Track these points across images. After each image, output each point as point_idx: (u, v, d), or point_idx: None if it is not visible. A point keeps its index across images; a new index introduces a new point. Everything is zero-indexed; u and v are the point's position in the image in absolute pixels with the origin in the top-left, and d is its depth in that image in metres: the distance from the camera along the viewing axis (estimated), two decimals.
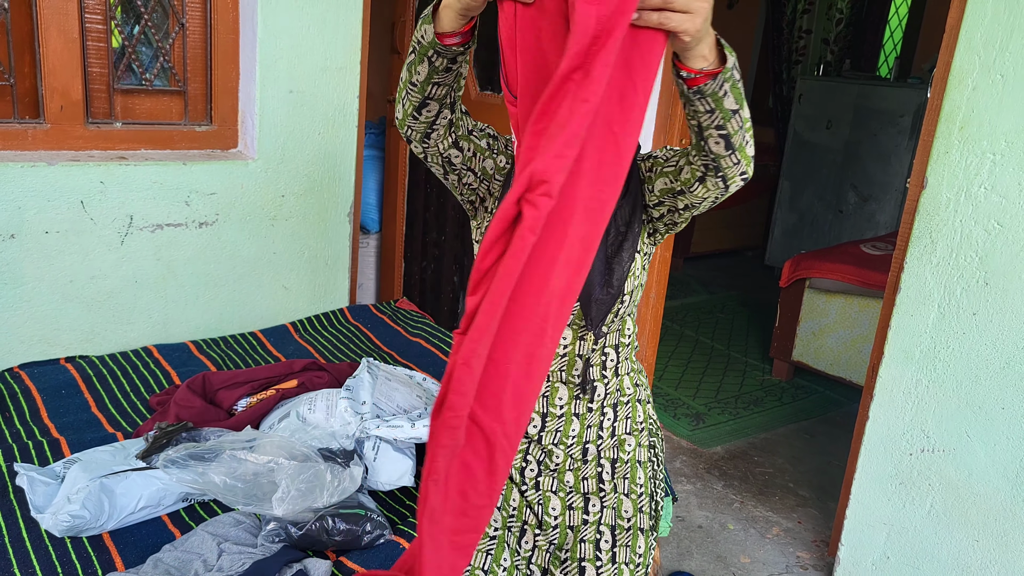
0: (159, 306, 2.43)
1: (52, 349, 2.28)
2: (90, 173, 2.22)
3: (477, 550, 1.35)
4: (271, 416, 1.81)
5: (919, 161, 1.91)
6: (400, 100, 1.24)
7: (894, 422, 2.02)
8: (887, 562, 2.08)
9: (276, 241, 2.61)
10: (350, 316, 2.67)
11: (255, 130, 2.48)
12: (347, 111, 2.64)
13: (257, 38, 2.40)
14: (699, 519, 2.52)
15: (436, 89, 1.20)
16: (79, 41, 2.22)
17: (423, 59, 1.15)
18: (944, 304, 1.90)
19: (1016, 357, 1.80)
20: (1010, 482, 1.84)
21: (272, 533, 1.45)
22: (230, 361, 2.29)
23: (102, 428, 1.87)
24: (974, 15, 1.77)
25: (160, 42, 2.38)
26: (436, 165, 1.36)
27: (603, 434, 1.43)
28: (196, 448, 1.54)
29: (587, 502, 1.41)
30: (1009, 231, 1.77)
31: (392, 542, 1.49)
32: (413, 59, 1.17)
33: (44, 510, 1.46)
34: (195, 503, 1.61)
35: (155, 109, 2.43)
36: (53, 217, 2.19)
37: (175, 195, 2.37)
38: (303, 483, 1.45)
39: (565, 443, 1.42)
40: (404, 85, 1.21)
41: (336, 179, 2.68)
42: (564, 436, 1.41)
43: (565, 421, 1.41)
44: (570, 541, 1.39)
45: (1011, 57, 1.72)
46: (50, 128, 2.24)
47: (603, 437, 1.43)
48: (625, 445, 1.45)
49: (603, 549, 1.36)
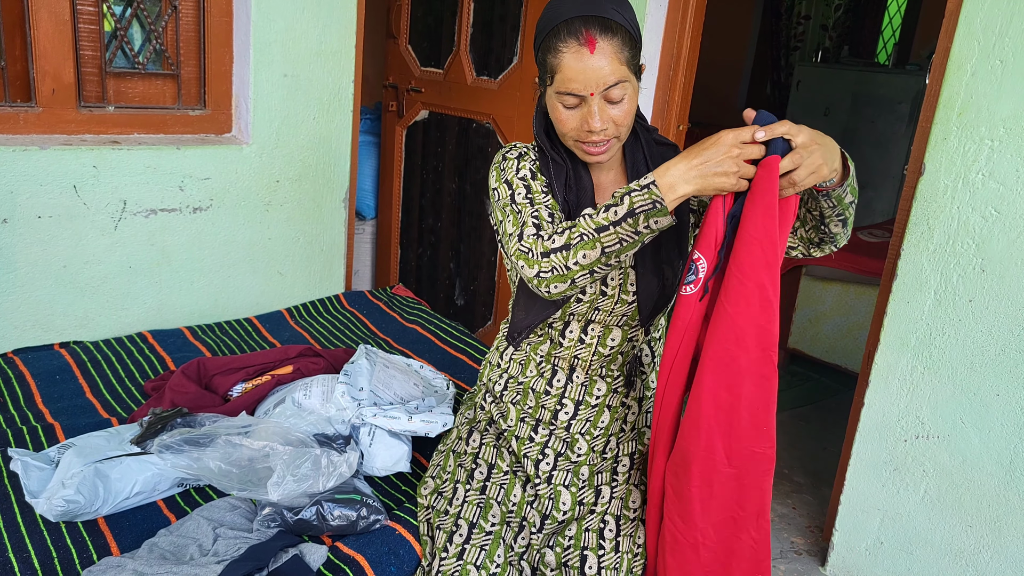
0: (153, 291, 2.42)
1: (46, 334, 2.27)
2: (83, 157, 2.20)
3: (472, 544, 1.36)
4: (266, 402, 1.81)
5: (917, 148, 1.90)
6: (565, 279, 1.19)
7: (889, 409, 2.03)
8: (881, 547, 2.09)
9: (271, 227, 2.59)
10: (346, 302, 2.67)
11: (249, 114, 2.46)
12: (342, 96, 2.62)
13: (251, 21, 2.38)
14: None
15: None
16: (70, 23, 2.19)
17: (637, 245, 1.17)
18: (940, 291, 1.90)
19: (1011, 344, 1.80)
20: (1003, 468, 1.84)
21: (268, 518, 1.45)
22: (225, 347, 2.29)
23: (97, 413, 1.87)
24: (973, 0, 1.75)
25: (153, 25, 2.36)
26: None
27: (625, 427, 1.45)
28: (191, 433, 1.54)
29: (598, 495, 1.42)
30: (1006, 218, 1.77)
31: (388, 527, 1.49)
32: (617, 249, 1.16)
33: (39, 495, 1.46)
34: (190, 488, 1.60)
35: (148, 93, 2.41)
36: (46, 202, 2.17)
37: (169, 180, 2.35)
38: (298, 468, 1.45)
39: (592, 433, 1.43)
40: (583, 269, 1.18)
41: (331, 165, 2.67)
42: (593, 427, 1.43)
43: (597, 411, 1.43)
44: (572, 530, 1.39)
45: (1010, 43, 1.71)
46: (42, 112, 2.22)
47: (625, 431, 1.45)
48: (644, 438, 1.47)
49: (607, 538, 1.37)
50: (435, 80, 3.17)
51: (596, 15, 1.19)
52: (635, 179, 1.31)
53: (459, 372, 2.18)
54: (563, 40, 1.19)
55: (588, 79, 1.19)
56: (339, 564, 1.40)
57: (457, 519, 1.40)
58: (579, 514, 1.41)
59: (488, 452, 1.49)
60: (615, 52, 1.19)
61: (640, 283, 1.34)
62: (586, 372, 1.42)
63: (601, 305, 1.35)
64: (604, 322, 1.37)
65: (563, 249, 1.17)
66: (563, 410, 1.42)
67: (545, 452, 1.44)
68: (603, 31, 1.18)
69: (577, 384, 1.42)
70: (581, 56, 1.18)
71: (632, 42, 1.22)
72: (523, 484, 1.45)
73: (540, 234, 1.22)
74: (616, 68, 1.19)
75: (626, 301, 1.35)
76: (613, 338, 1.39)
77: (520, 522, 1.42)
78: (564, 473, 1.43)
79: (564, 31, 1.19)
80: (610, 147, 1.27)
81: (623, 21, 1.21)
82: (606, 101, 1.22)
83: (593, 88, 1.20)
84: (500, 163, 1.36)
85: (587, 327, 1.38)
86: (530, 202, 1.27)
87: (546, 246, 1.19)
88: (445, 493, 1.47)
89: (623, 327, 1.38)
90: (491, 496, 1.43)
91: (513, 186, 1.31)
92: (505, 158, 1.36)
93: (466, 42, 3.01)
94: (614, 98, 1.21)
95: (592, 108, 1.21)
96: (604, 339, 1.39)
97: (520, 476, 1.45)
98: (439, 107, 3.20)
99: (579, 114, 1.23)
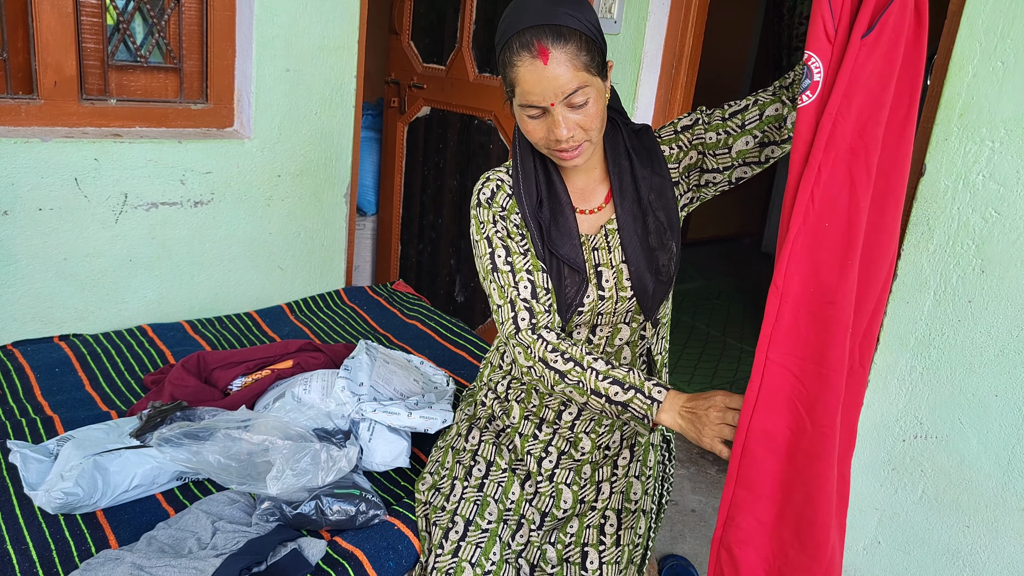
0: (154, 285, 2.42)
1: (46, 327, 2.27)
2: (84, 150, 2.20)
3: (467, 541, 1.36)
4: (266, 396, 1.81)
5: (918, 148, 1.90)
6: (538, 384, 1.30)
7: (888, 409, 2.03)
8: (878, 547, 2.09)
9: (272, 221, 2.59)
10: (346, 298, 2.67)
11: (251, 109, 2.46)
12: (344, 91, 2.62)
13: (254, 15, 2.38)
14: (692, 503, 2.53)
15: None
16: (73, 16, 2.19)
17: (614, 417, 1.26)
18: (940, 291, 1.90)
19: (1010, 345, 1.80)
20: (1001, 469, 1.85)
21: (266, 512, 1.45)
22: (225, 341, 2.29)
23: (96, 406, 1.87)
24: (976, 1, 1.75)
25: (155, 18, 2.36)
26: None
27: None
28: (190, 427, 1.54)
29: (598, 491, 1.42)
30: (1007, 219, 1.77)
31: (387, 523, 1.49)
32: (596, 409, 1.25)
33: (37, 487, 1.46)
34: (189, 482, 1.61)
35: (150, 86, 2.41)
36: (47, 194, 2.17)
37: (170, 173, 2.35)
38: (298, 463, 1.45)
39: (597, 431, 1.43)
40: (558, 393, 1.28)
41: (333, 160, 2.67)
42: (598, 425, 1.43)
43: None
44: (574, 527, 1.40)
45: (1012, 44, 1.71)
46: (43, 104, 2.22)
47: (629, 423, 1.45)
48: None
49: (607, 533, 1.37)
50: (437, 76, 3.17)
51: (548, 23, 1.16)
52: (617, 173, 1.32)
53: (459, 368, 2.18)
54: (516, 54, 1.18)
55: (546, 90, 1.18)
56: (337, 559, 1.40)
57: (454, 516, 1.40)
58: (580, 511, 1.42)
59: (487, 449, 1.49)
60: (570, 59, 1.17)
61: (634, 279, 1.33)
62: None
63: (603, 308, 1.35)
64: (611, 322, 1.37)
65: (558, 375, 1.24)
66: (567, 410, 1.42)
67: (548, 450, 1.44)
68: (555, 39, 1.16)
69: None
70: (535, 68, 1.17)
71: (589, 44, 1.19)
72: (522, 482, 1.45)
73: (543, 335, 1.27)
74: (574, 75, 1.17)
75: (626, 298, 1.35)
76: (621, 337, 1.39)
77: (518, 520, 1.42)
78: (567, 472, 1.44)
79: (517, 44, 1.18)
80: (583, 150, 1.25)
81: (578, 25, 1.18)
82: (568, 107, 1.20)
83: (552, 98, 1.18)
84: (476, 209, 1.36)
85: (595, 329, 1.38)
86: (512, 270, 1.30)
87: (545, 356, 1.26)
88: (443, 489, 1.48)
89: (630, 323, 1.38)
90: (488, 493, 1.43)
91: (492, 245, 1.32)
92: (480, 203, 1.35)
93: (468, 39, 3.00)
94: (576, 103, 1.19)
95: (556, 118, 1.20)
96: (612, 338, 1.39)
97: (519, 474, 1.45)
98: (441, 103, 3.19)
99: (544, 124, 1.22)
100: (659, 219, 1.33)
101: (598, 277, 1.34)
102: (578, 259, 1.31)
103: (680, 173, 1.36)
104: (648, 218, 1.33)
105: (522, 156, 1.34)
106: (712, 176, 1.35)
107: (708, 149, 1.33)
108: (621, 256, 1.34)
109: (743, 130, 1.27)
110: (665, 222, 1.33)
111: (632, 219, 1.33)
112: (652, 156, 1.34)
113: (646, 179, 1.33)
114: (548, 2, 1.18)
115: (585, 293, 1.32)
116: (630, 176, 1.33)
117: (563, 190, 1.34)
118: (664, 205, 1.33)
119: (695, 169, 1.36)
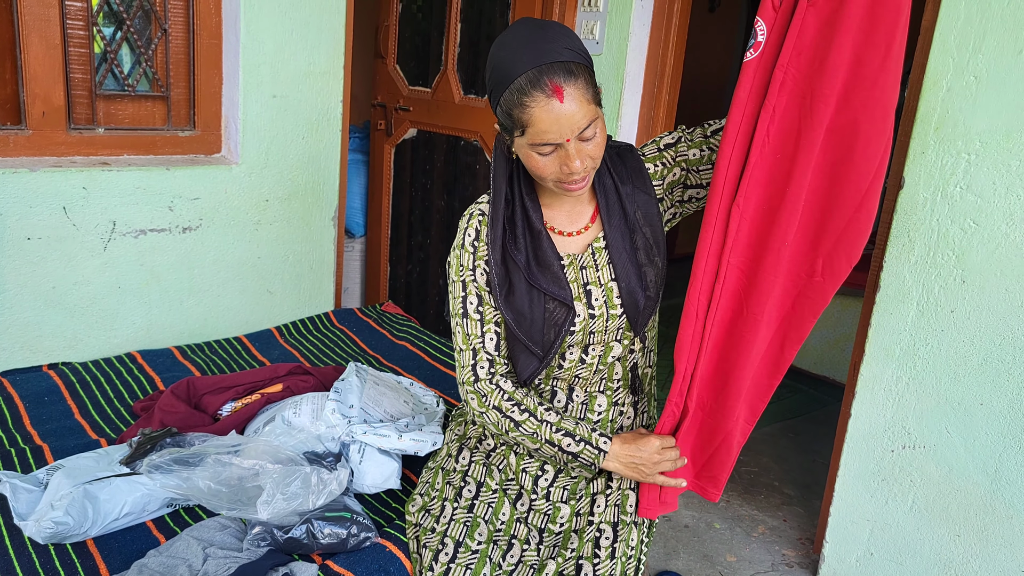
0: (143, 311, 2.42)
1: (34, 356, 2.27)
2: (72, 179, 2.21)
3: (458, 563, 1.36)
4: (256, 420, 1.81)
5: (896, 161, 1.93)
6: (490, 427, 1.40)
7: (876, 419, 2.04)
8: (871, 558, 2.10)
9: (260, 246, 2.60)
10: (335, 320, 2.67)
11: (238, 135, 2.48)
12: (331, 115, 2.65)
13: (240, 43, 2.40)
14: (685, 518, 2.53)
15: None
16: (61, 47, 2.21)
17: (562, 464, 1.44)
18: (923, 302, 1.92)
19: (993, 354, 1.82)
20: (989, 477, 1.86)
21: (257, 537, 1.45)
22: (215, 366, 2.29)
23: (85, 434, 1.87)
24: (948, 17, 1.79)
25: (142, 47, 2.38)
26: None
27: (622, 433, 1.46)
28: (180, 453, 1.54)
29: (593, 503, 1.43)
30: (984, 229, 1.80)
31: (378, 545, 1.49)
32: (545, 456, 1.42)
33: (27, 517, 1.45)
34: (180, 508, 1.60)
35: (138, 115, 2.43)
36: (35, 223, 2.18)
37: (158, 200, 2.36)
38: (288, 487, 1.45)
39: None
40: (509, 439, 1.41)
41: (320, 183, 2.68)
42: None
43: (600, 425, 1.44)
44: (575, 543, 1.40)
45: (984, 59, 1.75)
46: (32, 134, 2.23)
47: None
48: None
49: (603, 547, 1.38)
50: (423, 99, 3.20)
51: (556, 62, 1.18)
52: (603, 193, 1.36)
53: (449, 388, 2.19)
54: (528, 95, 1.18)
55: (562, 127, 1.19)
56: None
57: (444, 537, 1.41)
58: (576, 525, 1.42)
59: (477, 470, 1.50)
60: (581, 94, 1.19)
61: (625, 295, 1.35)
62: (585, 390, 1.43)
63: (594, 327, 1.37)
64: (603, 341, 1.39)
65: (513, 423, 1.35)
66: None
67: (544, 468, 1.45)
68: (567, 77, 1.18)
69: (578, 403, 1.43)
70: (551, 107, 1.18)
71: (590, 74, 1.23)
72: (513, 501, 1.45)
73: (500, 384, 1.36)
74: (586, 110, 1.20)
75: (616, 315, 1.36)
76: (614, 354, 1.41)
77: (509, 540, 1.42)
78: (561, 490, 1.45)
79: (527, 85, 1.18)
80: (588, 178, 1.29)
81: (576, 57, 1.21)
82: (581, 141, 1.23)
83: (568, 134, 1.20)
84: (458, 251, 1.39)
85: (587, 349, 1.40)
86: (481, 320, 1.36)
87: (501, 405, 1.36)
88: (433, 511, 1.48)
89: (621, 340, 1.40)
90: (478, 514, 1.43)
91: (467, 291, 1.37)
92: (463, 245, 1.38)
93: (453, 61, 3.04)
94: (588, 136, 1.22)
95: (570, 152, 1.22)
96: (605, 356, 1.41)
97: (510, 494, 1.46)
98: (427, 125, 3.22)
99: (556, 159, 1.24)
100: (646, 236, 1.36)
101: (587, 296, 1.36)
102: (562, 290, 1.34)
103: (664, 189, 1.39)
104: (636, 236, 1.35)
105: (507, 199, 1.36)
106: (695, 192, 1.38)
107: (691, 165, 1.36)
108: (610, 274, 1.36)
109: None
110: (651, 239, 1.36)
111: (620, 236, 1.35)
112: (636, 174, 1.37)
113: (630, 196, 1.36)
114: (544, 39, 1.20)
115: (572, 318, 1.34)
116: (615, 194, 1.36)
117: (538, 219, 1.36)
118: (650, 222, 1.37)
119: (679, 185, 1.39)
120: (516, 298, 1.33)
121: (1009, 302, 1.78)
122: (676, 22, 2.54)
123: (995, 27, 1.73)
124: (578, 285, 1.36)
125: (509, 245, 1.34)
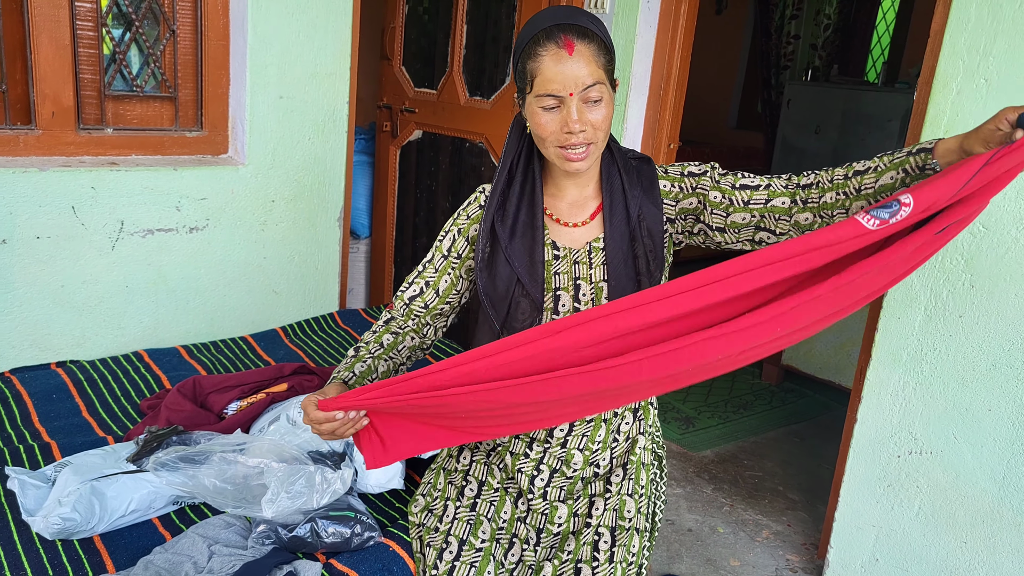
0: (150, 310, 2.43)
1: (43, 354, 2.28)
2: (81, 179, 2.22)
3: (462, 561, 1.36)
4: (261, 419, 1.81)
5: None
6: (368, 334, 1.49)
7: (882, 425, 2.04)
8: (876, 564, 2.09)
9: (266, 246, 2.61)
10: (340, 320, 2.68)
11: (245, 136, 2.49)
12: (337, 117, 2.65)
13: (247, 44, 2.41)
14: (689, 522, 2.53)
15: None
16: (70, 48, 2.22)
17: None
18: (931, 307, 1.92)
19: (1002, 359, 1.81)
20: (997, 484, 1.85)
21: (262, 535, 1.46)
22: (220, 365, 2.30)
23: (93, 432, 1.87)
24: (958, 20, 1.79)
25: (151, 49, 2.39)
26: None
27: (619, 437, 1.46)
28: (186, 451, 1.54)
29: (591, 505, 1.43)
30: (994, 234, 1.79)
31: (382, 544, 1.49)
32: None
33: (35, 513, 1.46)
34: (185, 506, 1.61)
35: (146, 115, 2.44)
36: (45, 222, 2.19)
37: (166, 200, 2.37)
38: (292, 486, 1.46)
39: (590, 448, 1.44)
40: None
41: (326, 184, 2.69)
42: (591, 441, 1.44)
43: (594, 426, 1.44)
44: (571, 544, 1.40)
45: (994, 62, 1.75)
46: (42, 134, 2.25)
47: (619, 441, 1.46)
48: (636, 447, 1.48)
49: (601, 550, 1.37)
50: (428, 101, 3.21)
51: (574, 23, 1.27)
52: (609, 190, 1.38)
53: None
54: (542, 45, 1.26)
55: (567, 79, 1.24)
56: None
57: (447, 536, 1.41)
58: (574, 527, 1.42)
59: (478, 469, 1.50)
60: (592, 56, 1.26)
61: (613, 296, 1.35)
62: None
63: None
64: None
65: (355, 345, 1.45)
66: (557, 427, 1.43)
67: (540, 468, 1.45)
68: (580, 36, 1.25)
69: None
70: (560, 57, 1.24)
71: (607, 52, 1.30)
72: (514, 500, 1.45)
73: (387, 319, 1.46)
74: (594, 71, 1.26)
75: None
76: None
77: (511, 538, 1.42)
78: (558, 490, 1.44)
79: (543, 37, 1.26)
80: (589, 153, 1.30)
81: (599, 32, 1.29)
82: (584, 103, 1.26)
83: (572, 88, 1.25)
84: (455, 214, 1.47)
85: None
86: (421, 271, 1.47)
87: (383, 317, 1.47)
88: (435, 510, 1.48)
89: None
90: (481, 513, 1.43)
91: (434, 248, 1.47)
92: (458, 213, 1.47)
93: (459, 63, 3.04)
94: (592, 98, 1.26)
95: (571, 108, 1.26)
96: None
97: (511, 492, 1.46)
98: (432, 127, 3.23)
99: (558, 117, 1.28)
100: (647, 246, 1.35)
101: (576, 289, 1.36)
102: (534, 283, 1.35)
103: (676, 212, 1.39)
104: (636, 244, 1.35)
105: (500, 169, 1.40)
106: (705, 228, 1.38)
107: (709, 205, 1.35)
108: (603, 275, 1.36)
109: (745, 206, 1.31)
110: (652, 251, 1.35)
111: (620, 238, 1.35)
112: (648, 184, 1.37)
113: (636, 198, 1.35)
114: (570, 10, 1.30)
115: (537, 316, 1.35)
116: (621, 194, 1.36)
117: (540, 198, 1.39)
118: (652, 234, 1.36)
119: (691, 215, 1.38)
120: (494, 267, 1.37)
121: (1018, 307, 1.78)
122: (683, 24, 2.54)
123: (1006, 30, 1.72)
124: (569, 277, 1.36)
125: (497, 217, 1.36)
